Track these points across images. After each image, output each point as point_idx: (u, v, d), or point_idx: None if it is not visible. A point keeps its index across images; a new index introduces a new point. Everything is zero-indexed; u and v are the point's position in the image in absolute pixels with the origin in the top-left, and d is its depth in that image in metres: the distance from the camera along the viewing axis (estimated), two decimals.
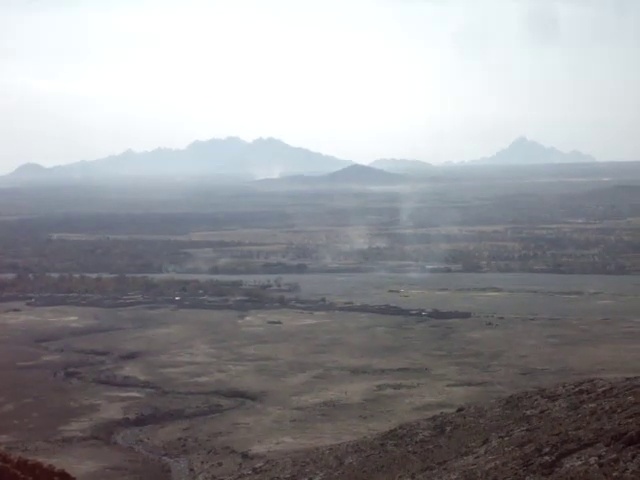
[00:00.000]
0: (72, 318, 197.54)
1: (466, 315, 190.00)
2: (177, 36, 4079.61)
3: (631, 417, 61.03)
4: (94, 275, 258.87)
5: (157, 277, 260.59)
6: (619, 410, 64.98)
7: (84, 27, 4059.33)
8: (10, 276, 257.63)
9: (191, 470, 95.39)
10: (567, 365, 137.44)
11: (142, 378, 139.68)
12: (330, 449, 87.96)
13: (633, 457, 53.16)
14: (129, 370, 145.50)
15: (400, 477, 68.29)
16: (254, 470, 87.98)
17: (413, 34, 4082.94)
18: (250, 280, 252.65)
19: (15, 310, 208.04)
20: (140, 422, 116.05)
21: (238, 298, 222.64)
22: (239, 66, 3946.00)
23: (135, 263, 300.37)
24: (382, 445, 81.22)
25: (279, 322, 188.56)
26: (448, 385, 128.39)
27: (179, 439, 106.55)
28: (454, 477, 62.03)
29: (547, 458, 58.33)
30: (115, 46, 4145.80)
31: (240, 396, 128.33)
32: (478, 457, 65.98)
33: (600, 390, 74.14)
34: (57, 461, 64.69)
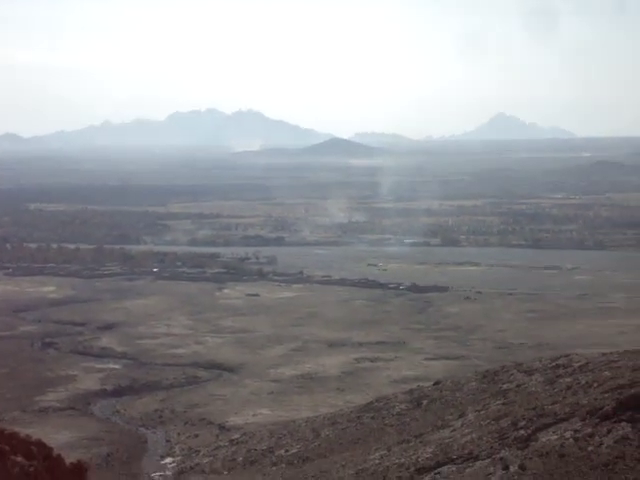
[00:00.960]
0: (50, 288, 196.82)
1: (444, 289, 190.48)
2: (156, 7, 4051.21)
3: (607, 392, 61.41)
4: (72, 246, 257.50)
5: (135, 248, 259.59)
6: (595, 385, 65.40)
7: None
8: None
9: (168, 441, 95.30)
10: (544, 340, 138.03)
11: (119, 349, 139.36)
12: (307, 421, 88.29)
13: (608, 432, 53.53)
14: (106, 341, 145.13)
15: (376, 449, 68.59)
16: (231, 442, 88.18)
17: (395, 7, 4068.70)
18: (228, 252, 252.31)
19: None
20: (117, 393, 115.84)
21: (216, 270, 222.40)
22: (218, 37, 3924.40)
23: (113, 234, 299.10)
24: (358, 418, 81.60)
25: (257, 295, 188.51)
26: (425, 359, 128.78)
27: (156, 410, 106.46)
28: (430, 450, 62.35)
29: (523, 432, 58.72)
30: (94, 17, 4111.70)
31: (217, 368, 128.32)
32: (454, 430, 66.37)
33: (576, 365, 74.68)
34: (34, 431, 64.26)
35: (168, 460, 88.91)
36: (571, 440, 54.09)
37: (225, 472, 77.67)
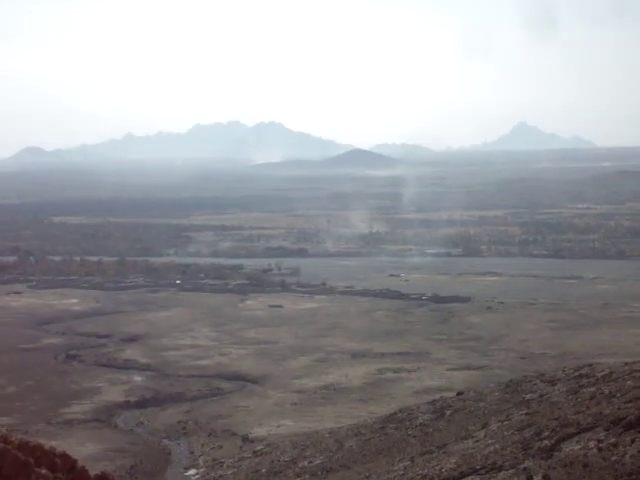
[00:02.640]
0: (73, 301, 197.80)
1: (466, 299, 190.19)
2: (179, 19, 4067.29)
3: (630, 401, 61.30)
4: (95, 258, 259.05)
5: (158, 261, 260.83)
6: (618, 394, 65.24)
7: (85, 11, 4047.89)
8: (11, 259, 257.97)
9: (191, 453, 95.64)
10: (567, 349, 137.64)
11: (143, 361, 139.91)
12: (330, 432, 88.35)
13: (632, 441, 53.41)
14: (130, 353, 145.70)
15: (400, 460, 68.61)
16: (254, 453, 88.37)
17: (415, 18, 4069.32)
18: (251, 264, 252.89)
19: (17, 293, 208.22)
20: (141, 405, 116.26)
21: (239, 282, 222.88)
22: (241, 50, 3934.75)
23: (136, 247, 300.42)
24: (382, 428, 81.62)
25: (280, 306, 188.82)
26: (448, 369, 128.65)
27: (180, 422, 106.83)
28: (453, 461, 62.34)
29: (546, 442, 58.62)
30: (117, 29, 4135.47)
31: (241, 379, 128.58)
32: (477, 441, 66.32)
33: (599, 374, 74.44)
34: (58, 443, 64.84)
35: (192, 472, 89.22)
36: (595, 450, 53.97)
37: None
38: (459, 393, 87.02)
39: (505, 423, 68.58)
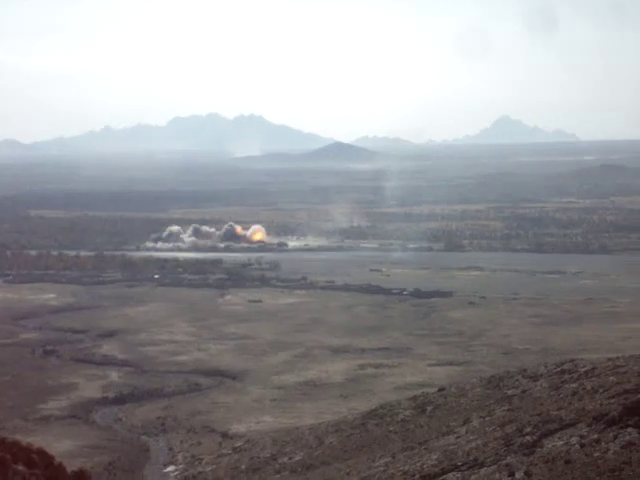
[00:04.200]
0: (50, 295, 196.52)
1: (448, 294, 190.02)
2: (156, 11, 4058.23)
3: (613, 397, 60.81)
4: (72, 252, 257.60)
5: (136, 255, 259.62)
6: (601, 390, 64.78)
7: (59, 3, 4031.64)
8: None
9: (170, 449, 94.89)
10: (549, 345, 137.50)
11: (121, 357, 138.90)
12: (310, 428, 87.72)
13: (615, 437, 52.86)
14: (108, 348, 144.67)
15: (381, 457, 67.99)
16: (234, 449, 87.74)
17: (398, 11, 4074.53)
18: (230, 258, 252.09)
19: None
20: (119, 401, 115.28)
21: (218, 276, 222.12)
22: (219, 42, 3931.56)
23: (114, 240, 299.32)
24: (363, 425, 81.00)
25: (259, 301, 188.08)
26: (429, 365, 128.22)
27: (158, 418, 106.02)
28: (435, 457, 61.73)
29: (528, 438, 58.08)
30: (93, 21, 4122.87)
31: (220, 375, 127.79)
32: (459, 437, 65.75)
33: (582, 370, 74.02)
34: (35, 439, 63.74)
35: (171, 468, 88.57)
36: (577, 446, 53.51)
37: None
38: (440, 389, 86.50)
39: (487, 419, 68.12)
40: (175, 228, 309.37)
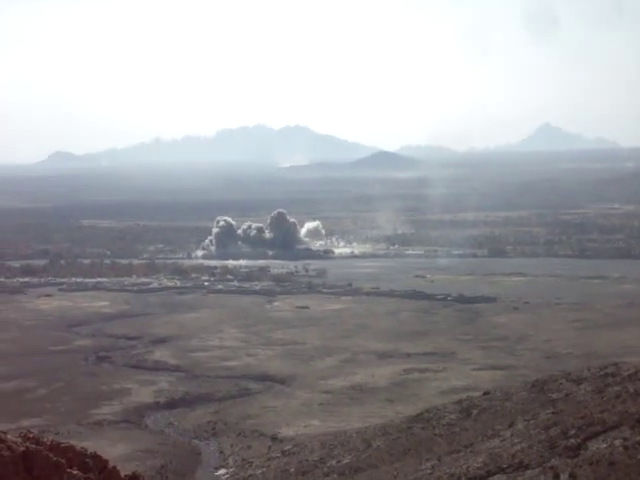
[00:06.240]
0: (103, 303, 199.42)
1: (492, 300, 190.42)
2: (205, 24, 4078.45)
3: None
4: (125, 261, 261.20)
5: (186, 263, 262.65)
6: None
7: (110, 16, 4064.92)
8: (42, 262, 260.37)
9: (221, 453, 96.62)
10: (592, 349, 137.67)
11: (172, 362, 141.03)
12: (357, 432, 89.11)
13: None
14: (160, 354, 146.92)
15: (427, 459, 69.38)
16: (283, 452, 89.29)
17: (440, 19, 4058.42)
18: (278, 266, 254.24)
19: (47, 295, 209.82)
20: (170, 405, 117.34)
21: (266, 283, 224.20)
22: (266, 54, 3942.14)
23: (164, 249, 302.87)
24: (409, 428, 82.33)
25: (307, 307, 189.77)
26: (474, 369, 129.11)
27: (209, 422, 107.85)
28: (480, 459, 63.05)
29: (572, 441, 59.25)
30: (145, 35, 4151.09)
31: (269, 380, 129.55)
32: (504, 440, 66.99)
33: (625, 373, 74.90)
34: (89, 444, 65.52)
35: (222, 472, 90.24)
36: (620, 448, 54.55)
37: None
38: (485, 393, 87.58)
39: (531, 422, 69.14)
40: None
